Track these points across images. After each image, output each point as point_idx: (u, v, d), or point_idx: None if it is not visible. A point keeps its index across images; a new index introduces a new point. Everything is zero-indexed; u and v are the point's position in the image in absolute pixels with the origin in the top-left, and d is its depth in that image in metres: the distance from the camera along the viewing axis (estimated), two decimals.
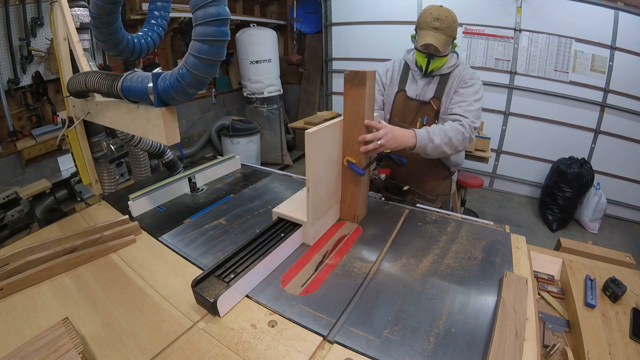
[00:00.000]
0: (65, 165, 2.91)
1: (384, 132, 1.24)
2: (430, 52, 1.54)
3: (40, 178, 2.72)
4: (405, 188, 1.74)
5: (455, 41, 1.58)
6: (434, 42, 1.48)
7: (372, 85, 1.22)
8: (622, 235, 3.51)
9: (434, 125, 1.50)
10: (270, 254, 1.08)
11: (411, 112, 1.69)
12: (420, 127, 1.56)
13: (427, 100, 1.63)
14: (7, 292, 1.01)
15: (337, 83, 5.07)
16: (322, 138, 1.14)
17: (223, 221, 1.42)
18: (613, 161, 3.65)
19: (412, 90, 1.68)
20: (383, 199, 1.61)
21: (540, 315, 1.04)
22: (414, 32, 1.63)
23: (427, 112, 1.66)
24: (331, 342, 0.85)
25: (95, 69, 1.44)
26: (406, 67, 1.71)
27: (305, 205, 1.18)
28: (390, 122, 1.73)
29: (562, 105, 3.72)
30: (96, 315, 0.95)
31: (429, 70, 1.59)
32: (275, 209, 1.29)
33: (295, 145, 5.55)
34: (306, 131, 1.04)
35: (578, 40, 3.46)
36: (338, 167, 1.30)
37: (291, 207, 1.28)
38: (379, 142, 1.22)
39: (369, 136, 1.21)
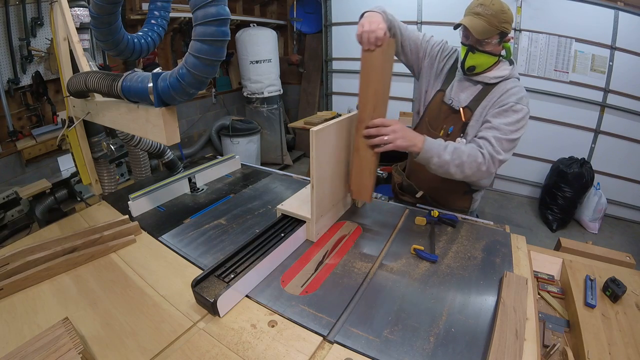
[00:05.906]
0: (65, 165, 2.90)
1: (392, 128, 1.16)
2: (468, 43, 1.34)
3: (40, 178, 2.71)
4: (419, 195, 1.62)
5: (508, 44, 1.35)
6: (468, 23, 1.28)
7: (386, 51, 1.15)
8: (622, 235, 3.50)
9: (459, 140, 1.38)
10: (271, 253, 1.08)
11: (440, 117, 1.49)
12: (443, 136, 1.45)
13: (457, 108, 1.43)
14: (7, 292, 1.01)
15: (337, 83, 5.06)
16: (327, 136, 1.16)
17: (223, 221, 1.42)
18: (613, 161, 3.65)
19: (450, 91, 1.47)
20: (388, 200, 1.60)
21: (540, 315, 1.04)
22: None
23: (455, 121, 1.44)
24: (331, 342, 0.85)
25: (95, 69, 1.44)
26: (455, 64, 1.49)
27: (309, 202, 1.19)
28: (421, 121, 1.57)
29: (562, 105, 3.71)
30: (96, 315, 0.95)
31: (466, 66, 1.37)
32: (279, 206, 1.30)
33: (296, 145, 5.53)
34: (311, 129, 1.05)
35: (578, 40, 3.46)
36: (342, 164, 1.31)
37: (295, 204, 1.30)
38: (385, 138, 1.16)
39: (372, 130, 1.16)
